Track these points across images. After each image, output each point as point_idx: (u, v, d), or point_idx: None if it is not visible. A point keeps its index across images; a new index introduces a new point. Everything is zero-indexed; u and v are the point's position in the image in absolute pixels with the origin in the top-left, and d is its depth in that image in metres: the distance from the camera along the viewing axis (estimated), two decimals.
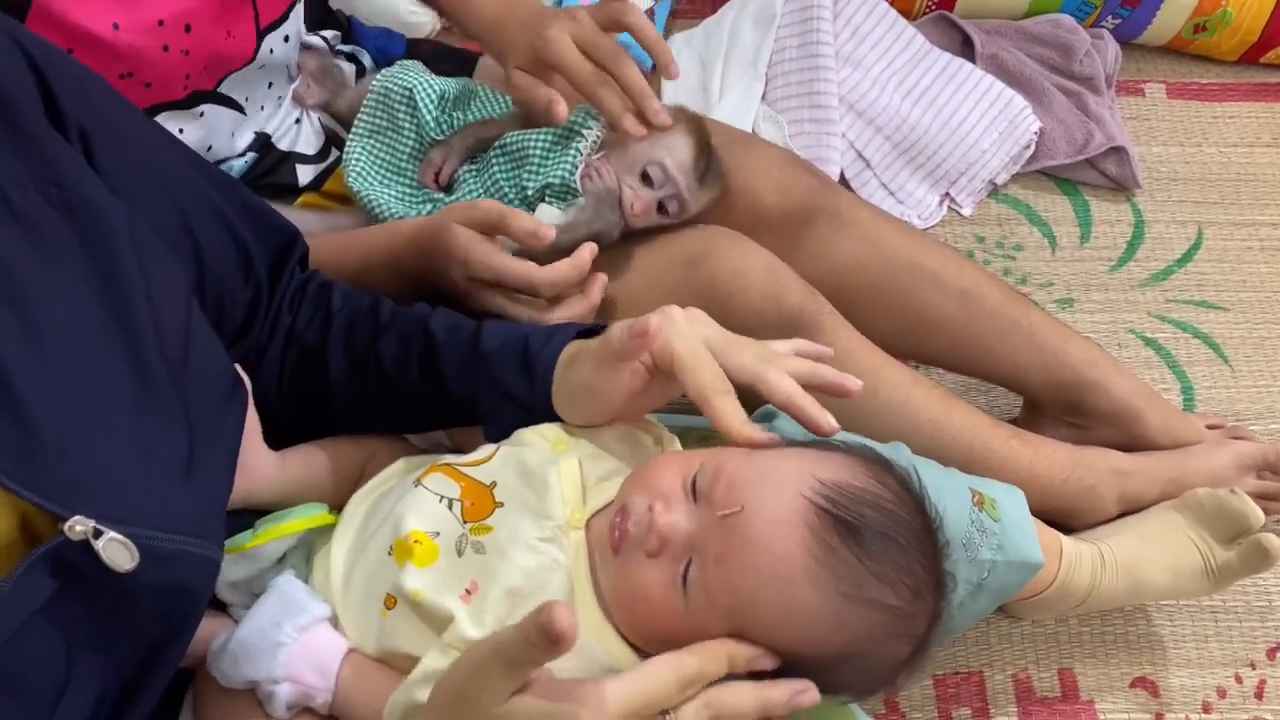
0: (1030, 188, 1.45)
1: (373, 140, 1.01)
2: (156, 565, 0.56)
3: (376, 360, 0.76)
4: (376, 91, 1.01)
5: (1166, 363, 1.31)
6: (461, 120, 1.00)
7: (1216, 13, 1.49)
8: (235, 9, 0.90)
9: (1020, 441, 1.04)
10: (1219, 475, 1.10)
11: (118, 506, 0.54)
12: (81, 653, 0.55)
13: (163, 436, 0.59)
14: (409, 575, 0.63)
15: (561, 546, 0.64)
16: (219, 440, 0.64)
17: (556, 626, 0.50)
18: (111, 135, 0.66)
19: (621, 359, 0.67)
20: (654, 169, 0.93)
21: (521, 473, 0.67)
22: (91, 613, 0.55)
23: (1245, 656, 1.11)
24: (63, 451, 0.53)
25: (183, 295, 0.66)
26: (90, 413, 0.56)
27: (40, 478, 0.51)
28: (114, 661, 0.57)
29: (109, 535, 0.53)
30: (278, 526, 0.69)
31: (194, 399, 0.62)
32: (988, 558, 0.84)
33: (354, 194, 0.99)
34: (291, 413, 0.79)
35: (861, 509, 0.60)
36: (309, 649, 0.65)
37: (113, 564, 0.53)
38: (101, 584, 0.54)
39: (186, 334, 0.64)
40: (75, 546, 0.52)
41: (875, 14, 1.46)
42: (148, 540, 0.55)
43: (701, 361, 0.66)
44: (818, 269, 1.01)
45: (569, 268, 0.84)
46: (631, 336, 0.65)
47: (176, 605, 0.60)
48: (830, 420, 0.66)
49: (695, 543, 0.61)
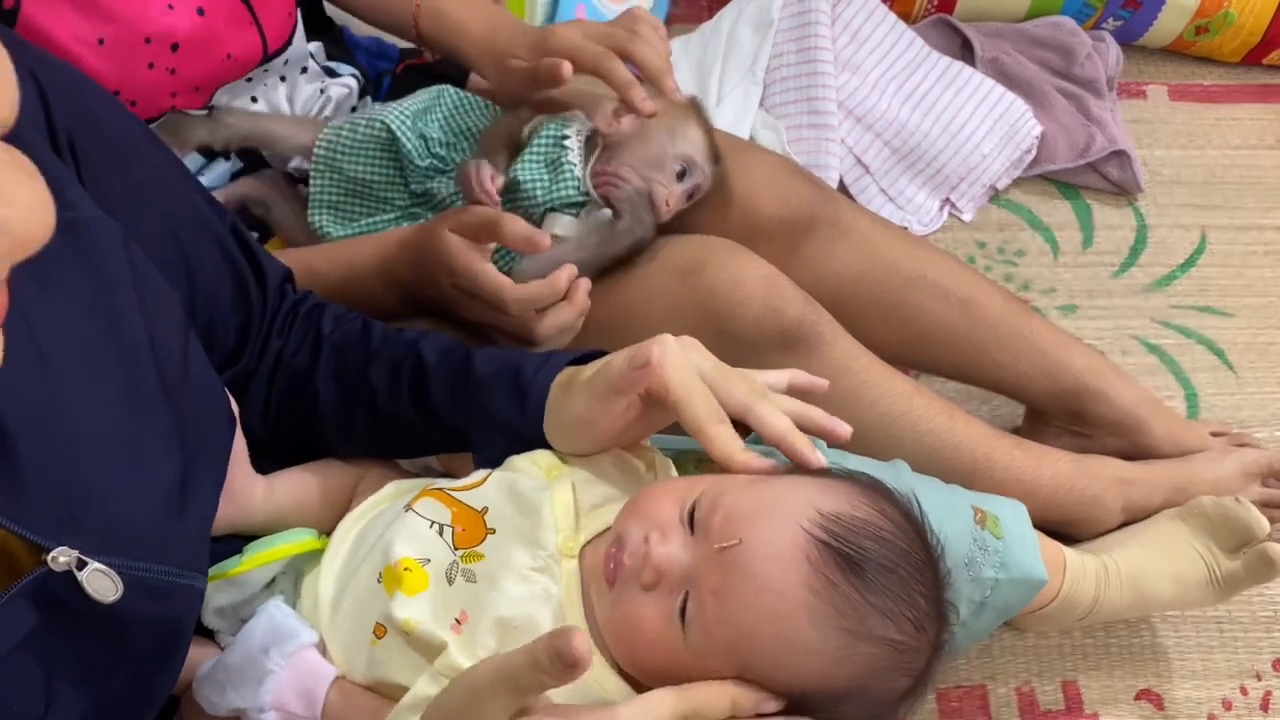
0: (1032, 192, 1.44)
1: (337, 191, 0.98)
2: (141, 596, 0.55)
3: (367, 386, 0.75)
4: (323, 153, 0.97)
5: (1170, 369, 1.30)
6: (435, 137, 0.98)
7: (1218, 14, 1.48)
8: (238, 32, 0.88)
9: (1023, 452, 1.03)
10: (1224, 483, 1.09)
11: (103, 537, 0.53)
12: (61, 682, 0.54)
13: (154, 465, 0.58)
14: (399, 605, 0.62)
15: (554, 576, 0.63)
16: (209, 467, 0.63)
17: (574, 652, 0.49)
18: (104, 150, 0.65)
19: (620, 392, 0.65)
20: (688, 162, 0.93)
21: (514, 499, 0.66)
22: (74, 643, 0.54)
23: (1251, 668, 1.10)
24: (47, 481, 0.52)
25: (179, 318, 0.65)
26: (79, 440, 0.55)
27: (22, 508, 0.50)
28: (97, 691, 0.56)
29: (93, 566, 0.52)
30: (265, 552, 0.68)
31: (186, 423, 0.61)
32: (990, 576, 0.83)
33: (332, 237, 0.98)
34: (278, 437, 0.77)
35: (862, 542, 0.59)
36: (296, 676, 0.64)
37: (96, 595, 0.52)
38: (85, 614, 0.53)
39: (183, 357, 0.63)
40: (58, 577, 0.51)
41: (874, 18, 1.45)
42: (132, 571, 0.54)
43: (695, 393, 0.65)
44: (817, 279, 1.00)
45: (543, 287, 0.83)
46: (632, 369, 0.64)
47: (162, 635, 0.59)
48: (819, 458, 0.65)
49: (692, 576, 0.60)
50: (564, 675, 0.50)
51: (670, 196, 0.92)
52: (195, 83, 0.87)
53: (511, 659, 0.53)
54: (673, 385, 0.65)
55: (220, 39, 0.86)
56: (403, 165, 0.97)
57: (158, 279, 0.64)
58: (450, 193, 0.97)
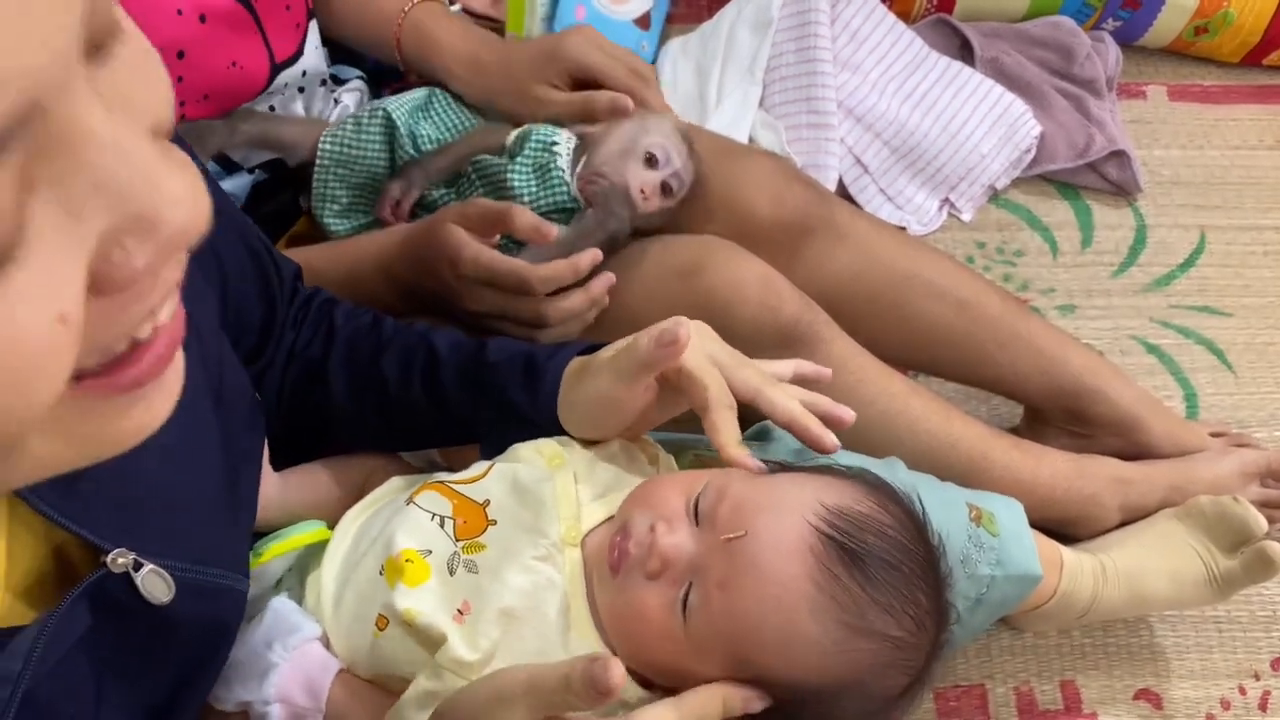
0: (1031, 192, 1.44)
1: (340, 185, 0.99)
2: (191, 598, 0.55)
3: (379, 377, 0.75)
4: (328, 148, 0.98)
5: (1169, 369, 1.30)
6: (426, 135, 0.99)
7: (1218, 14, 1.48)
8: (242, 40, 0.88)
9: (1020, 451, 1.03)
10: (1222, 483, 1.09)
11: (159, 539, 0.54)
12: (111, 682, 0.54)
13: (209, 467, 0.59)
14: (400, 595, 0.62)
15: (557, 565, 0.63)
16: (250, 469, 0.64)
17: (609, 681, 0.49)
18: None
19: (647, 368, 0.66)
20: (656, 149, 0.93)
21: (516, 490, 0.66)
22: (124, 643, 0.54)
23: (1250, 667, 1.10)
24: (104, 482, 0.52)
25: (216, 319, 0.65)
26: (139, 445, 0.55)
27: (83, 509, 0.51)
28: (144, 690, 0.56)
29: (148, 567, 0.52)
30: (280, 544, 0.68)
31: (232, 426, 0.61)
32: (986, 573, 0.83)
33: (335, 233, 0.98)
34: (291, 431, 0.78)
35: (866, 537, 0.59)
36: (300, 669, 0.64)
37: (150, 596, 0.53)
38: (136, 615, 0.53)
39: (220, 361, 0.64)
40: (116, 579, 0.52)
41: (873, 18, 1.45)
42: (184, 573, 0.55)
43: (708, 374, 0.66)
44: (815, 281, 1.00)
45: (565, 266, 0.84)
46: (660, 345, 0.64)
47: (208, 635, 0.59)
48: (833, 439, 0.65)
49: (697, 566, 0.60)
50: (595, 701, 0.50)
51: (645, 185, 0.92)
52: (203, 90, 0.87)
53: (544, 673, 0.53)
54: (686, 366, 0.66)
55: (225, 45, 0.86)
56: (395, 162, 0.98)
57: (197, 280, 0.64)
58: (439, 195, 0.98)
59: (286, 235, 1.03)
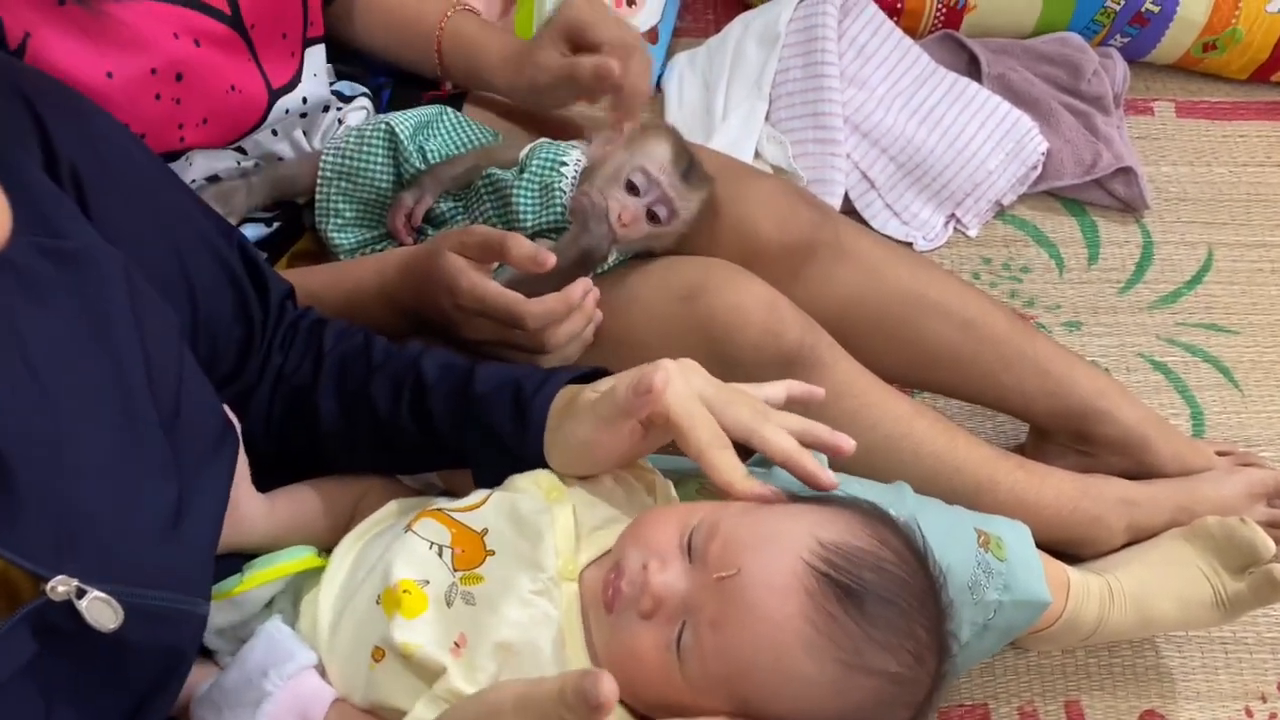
0: (1037, 209, 1.44)
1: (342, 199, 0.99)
2: (142, 623, 0.55)
3: (368, 402, 0.75)
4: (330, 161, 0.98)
5: (1176, 387, 1.29)
6: (434, 150, 0.99)
7: (1226, 31, 1.47)
8: (236, 65, 0.88)
9: (1026, 472, 1.03)
10: (1229, 503, 1.09)
11: (103, 564, 0.53)
12: (61, 708, 0.54)
13: (152, 490, 0.58)
14: (398, 628, 0.62)
15: (553, 600, 0.63)
16: (208, 492, 0.63)
17: (600, 696, 0.49)
18: (106, 174, 0.65)
19: (625, 416, 0.65)
20: (636, 175, 0.91)
21: (514, 521, 0.66)
22: (74, 669, 0.54)
23: (1256, 689, 1.09)
24: (45, 509, 0.52)
25: (175, 343, 0.65)
26: (77, 467, 0.55)
27: (20, 537, 0.50)
28: (96, 716, 0.56)
29: (93, 594, 0.52)
30: (265, 570, 0.68)
31: (184, 450, 0.61)
32: (994, 598, 0.82)
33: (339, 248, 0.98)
34: (280, 452, 0.77)
35: (862, 572, 0.58)
36: (294, 698, 0.64)
37: (96, 623, 0.52)
38: (84, 641, 0.53)
39: (179, 383, 0.63)
40: (58, 607, 0.51)
41: (880, 33, 1.44)
42: (133, 598, 0.54)
43: (698, 419, 0.65)
44: (818, 301, 1.00)
45: (558, 301, 0.83)
46: (636, 394, 0.63)
47: (163, 660, 0.59)
48: (829, 477, 0.65)
49: (690, 605, 0.59)
50: (587, 716, 0.50)
51: (624, 211, 0.90)
52: (202, 114, 0.87)
53: (538, 688, 0.52)
54: (674, 412, 0.65)
55: (221, 70, 0.86)
56: (401, 174, 0.98)
57: (158, 305, 0.64)
58: (448, 208, 0.98)
59: (289, 253, 1.03)
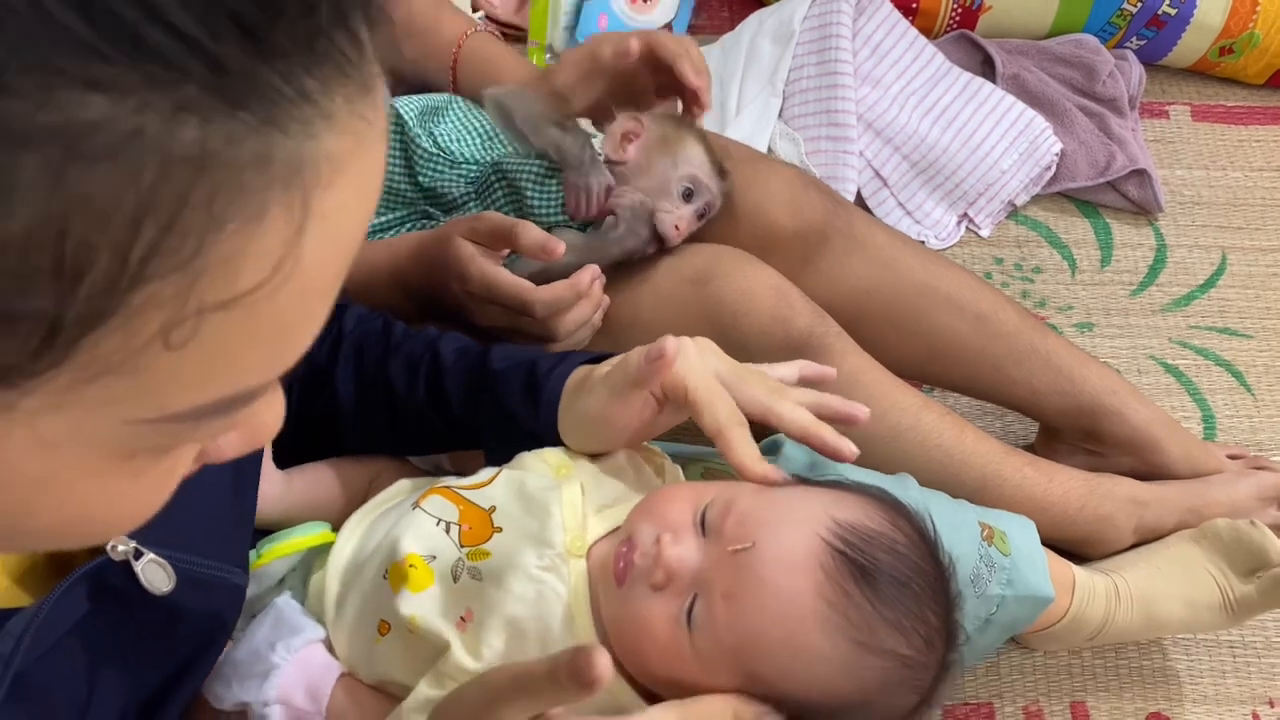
0: (1050, 209, 1.43)
1: None
2: (191, 589, 0.55)
3: (385, 382, 0.75)
4: None
5: (1187, 390, 1.29)
6: (446, 134, 0.98)
7: (1243, 35, 1.47)
8: None
9: (1034, 469, 1.02)
10: (1239, 506, 1.08)
11: (161, 529, 0.54)
12: (104, 670, 0.54)
13: None
14: (404, 601, 0.62)
15: (561, 576, 0.63)
16: (252, 462, 0.64)
17: (593, 671, 0.49)
18: None
19: (638, 385, 0.66)
20: (687, 184, 0.92)
21: (522, 498, 0.66)
22: (121, 632, 0.55)
23: (1264, 693, 1.09)
24: None
25: None
26: None
27: None
28: (136, 681, 0.57)
29: (149, 556, 0.52)
30: (281, 545, 0.68)
31: None
32: (997, 593, 0.82)
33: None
34: (298, 432, 0.77)
35: (877, 553, 0.58)
36: (302, 671, 0.64)
37: (150, 585, 0.53)
38: (135, 604, 0.53)
39: None
40: (115, 566, 0.52)
41: (895, 32, 1.44)
42: (185, 564, 0.55)
43: (716, 395, 0.65)
44: (830, 291, 1.00)
45: (566, 289, 0.83)
46: (648, 361, 0.64)
47: (205, 629, 0.59)
48: (849, 446, 0.65)
49: (703, 578, 0.59)
50: (581, 692, 0.50)
51: (679, 220, 0.92)
52: None
53: (532, 668, 0.52)
54: (692, 388, 0.65)
55: None
56: (410, 156, 0.98)
57: None
58: (462, 192, 0.98)
59: None
